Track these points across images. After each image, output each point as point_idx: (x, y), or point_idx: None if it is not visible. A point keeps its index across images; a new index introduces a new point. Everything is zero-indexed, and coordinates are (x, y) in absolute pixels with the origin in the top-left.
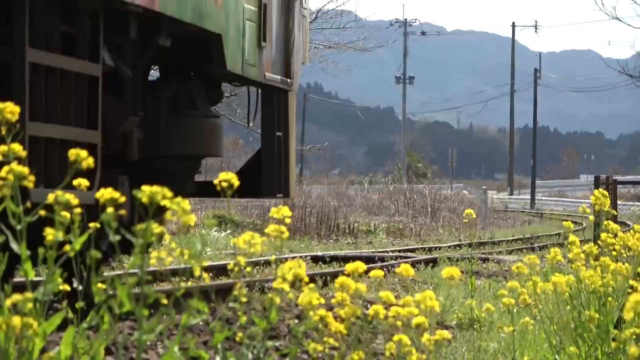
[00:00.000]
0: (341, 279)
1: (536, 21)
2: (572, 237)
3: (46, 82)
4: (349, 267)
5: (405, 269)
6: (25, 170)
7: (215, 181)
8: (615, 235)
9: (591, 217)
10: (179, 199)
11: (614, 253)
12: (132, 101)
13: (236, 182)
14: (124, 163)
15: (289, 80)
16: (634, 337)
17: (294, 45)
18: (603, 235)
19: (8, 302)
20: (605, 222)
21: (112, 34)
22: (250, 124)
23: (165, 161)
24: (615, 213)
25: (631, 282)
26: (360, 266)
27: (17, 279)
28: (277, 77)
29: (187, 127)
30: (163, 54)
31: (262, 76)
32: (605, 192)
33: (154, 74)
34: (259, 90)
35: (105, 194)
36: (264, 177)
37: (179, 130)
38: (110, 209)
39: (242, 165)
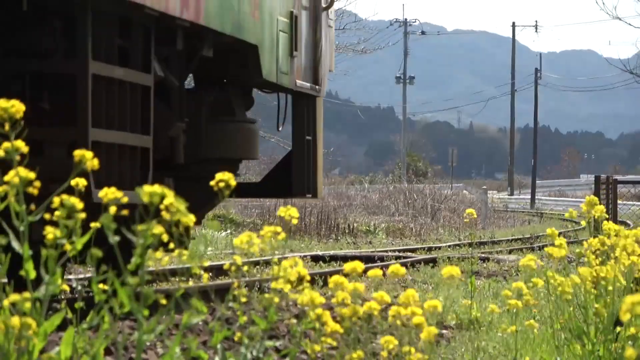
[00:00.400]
0: (334, 277)
1: (536, 21)
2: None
3: (106, 91)
4: (345, 269)
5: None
6: (31, 175)
7: (212, 182)
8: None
9: (583, 222)
10: (174, 198)
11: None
12: (178, 108)
13: (233, 183)
14: (170, 166)
15: (317, 86)
16: (637, 333)
17: (321, 53)
18: (623, 235)
19: (6, 302)
20: (605, 222)
21: (161, 46)
22: (280, 129)
23: (206, 164)
24: (607, 217)
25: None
26: (359, 265)
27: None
28: (306, 84)
29: (226, 132)
30: (204, 63)
31: (293, 83)
32: (596, 199)
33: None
34: (287, 96)
35: (109, 193)
36: (294, 179)
37: (218, 135)
38: (113, 208)
39: (273, 167)
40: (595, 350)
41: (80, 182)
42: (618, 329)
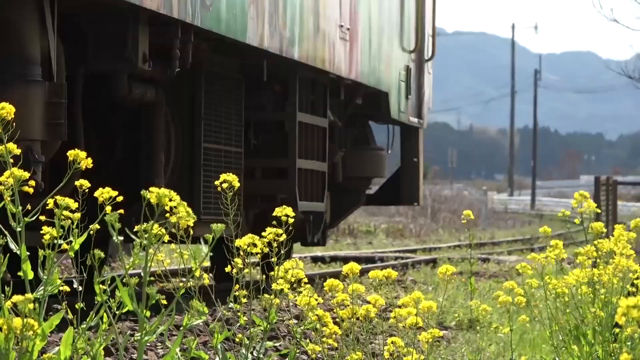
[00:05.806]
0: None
1: (536, 22)
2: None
3: (304, 132)
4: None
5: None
6: (25, 174)
7: (217, 182)
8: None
9: (577, 220)
10: (176, 201)
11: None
12: (338, 142)
13: (237, 184)
14: (331, 183)
15: (421, 120)
16: (635, 335)
17: (424, 95)
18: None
19: (8, 303)
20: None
21: (331, 98)
22: (389, 151)
23: (350, 181)
24: (599, 211)
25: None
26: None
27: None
28: (415, 119)
29: (363, 157)
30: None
31: (407, 119)
32: (586, 194)
33: None
34: (394, 127)
35: (104, 193)
36: (403, 190)
37: (358, 160)
38: (108, 208)
39: (385, 181)
40: (594, 352)
41: (83, 183)
42: (616, 330)
